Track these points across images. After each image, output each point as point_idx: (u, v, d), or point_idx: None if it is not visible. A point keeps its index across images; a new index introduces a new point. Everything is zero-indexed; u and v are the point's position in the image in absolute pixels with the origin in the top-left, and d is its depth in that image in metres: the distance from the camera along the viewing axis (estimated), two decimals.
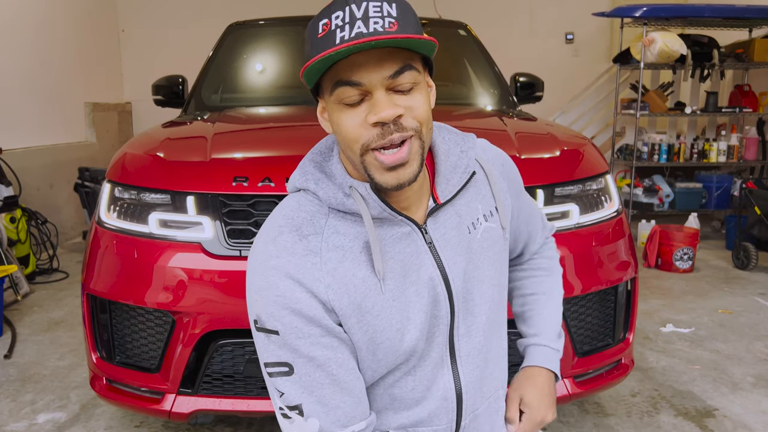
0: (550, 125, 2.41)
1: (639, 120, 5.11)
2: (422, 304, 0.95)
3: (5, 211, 4.01)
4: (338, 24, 0.83)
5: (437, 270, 0.96)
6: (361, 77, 0.84)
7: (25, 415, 2.39)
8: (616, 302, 2.02)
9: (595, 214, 2.00)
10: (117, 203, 1.94)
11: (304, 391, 0.91)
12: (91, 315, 1.93)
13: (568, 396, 1.92)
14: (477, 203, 1.02)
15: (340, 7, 0.83)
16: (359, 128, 0.86)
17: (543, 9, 7.00)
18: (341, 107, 0.86)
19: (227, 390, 1.82)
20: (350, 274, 0.91)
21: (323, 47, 0.83)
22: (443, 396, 1.01)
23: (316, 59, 0.82)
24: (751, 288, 3.95)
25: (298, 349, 0.90)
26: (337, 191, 0.92)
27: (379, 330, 0.93)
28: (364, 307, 0.92)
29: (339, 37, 0.82)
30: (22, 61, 4.92)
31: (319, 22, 0.85)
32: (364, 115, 0.85)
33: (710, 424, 2.28)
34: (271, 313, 0.90)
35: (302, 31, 3.40)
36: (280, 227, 0.93)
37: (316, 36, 0.85)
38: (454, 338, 1.00)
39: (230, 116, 2.59)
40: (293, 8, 4.98)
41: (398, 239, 0.94)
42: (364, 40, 0.80)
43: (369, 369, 0.97)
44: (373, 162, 0.87)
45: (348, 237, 0.92)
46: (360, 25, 0.82)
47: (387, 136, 0.85)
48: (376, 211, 0.91)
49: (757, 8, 4.92)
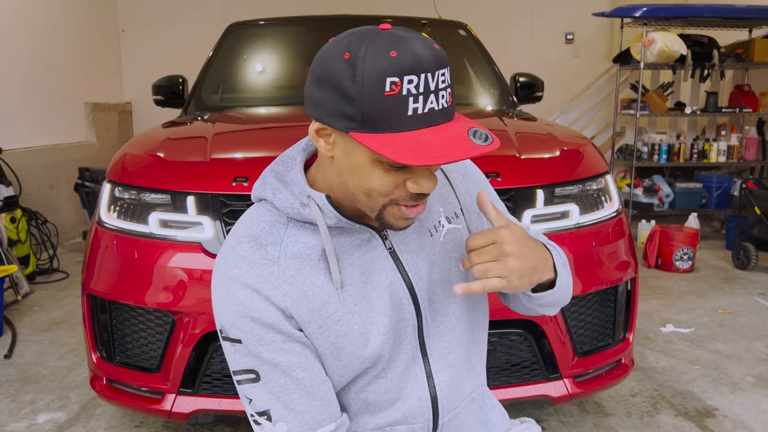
0: (550, 125, 2.42)
1: (639, 120, 5.11)
2: (385, 308, 0.95)
3: (5, 211, 4.01)
4: (411, 91, 0.77)
5: (398, 274, 0.97)
6: None
7: (25, 415, 2.39)
8: (616, 302, 2.02)
9: (595, 214, 2.00)
10: (117, 203, 1.94)
11: (272, 397, 0.93)
12: (91, 315, 1.93)
13: (568, 396, 1.92)
14: (438, 207, 1.02)
15: (413, 69, 0.77)
16: (391, 187, 0.85)
17: (543, 9, 7.00)
18: (381, 165, 0.83)
19: (227, 390, 1.82)
20: (308, 281, 0.92)
21: (392, 113, 0.77)
22: (417, 396, 1.01)
23: (405, 162, 0.76)
24: (751, 288, 3.95)
25: (262, 356, 0.91)
26: (294, 201, 0.92)
27: (341, 335, 0.94)
28: (324, 313, 0.93)
29: (412, 109, 0.77)
30: (22, 61, 4.92)
31: (387, 78, 0.76)
32: (402, 179, 0.84)
33: (710, 424, 2.28)
34: (233, 322, 0.91)
35: (303, 31, 3.45)
36: (239, 237, 0.94)
37: (382, 93, 0.77)
38: (424, 339, 1.01)
39: (230, 116, 2.59)
40: (293, 8, 4.98)
41: (357, 246, 0.95)
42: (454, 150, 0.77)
43: (336, 374, 0.97)
44: (397, 213, 0.88)
45: (306, 245, 0.93)
46: (433, 99, 0.78)
47: (419, 200, 0.87)
48: (332, 221, 0.91)
49: (757, 8, 4.92)
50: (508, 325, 1.84)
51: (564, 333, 1.89)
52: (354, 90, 0.78)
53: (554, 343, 1.87)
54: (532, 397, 1.90)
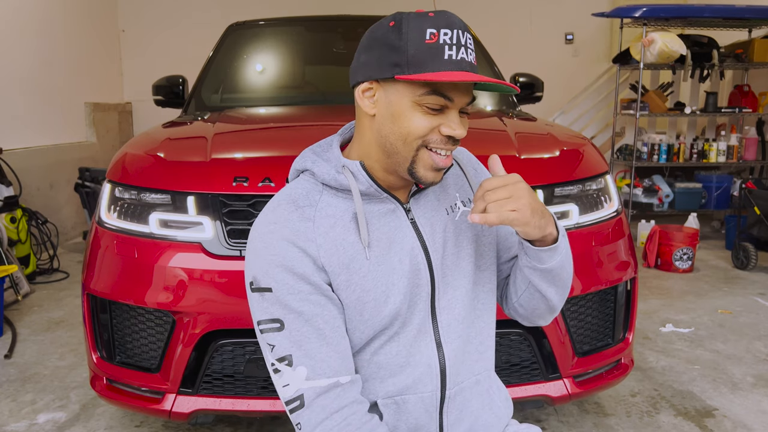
0: (550, 125, 2.42)
1: (639, 120, 5.11)
2: (404, 271, 1.05)
3: (5, 211, 4.01)
4: (446, 41, 0.94)
5: (418, 242, 1.07)
6: (454, 96, 0.96)
7: (26, 414, 2.39)
8: (615, 302, 2.02)
9: (594, 214, 2.00)
10: (117, 203, 1.94)
11: (293, 344, 0.99)
12: (92, 315, 1.93)
13: (568, 396, 1.92)
14: (455, 191, 1.14)
15: (448, 25, 0.94)
16: (428, 129, 0.97)
17: (543, 9, 7.00)
18: (420, 108, 0.96)
19: (227, 390, 1.82)
20: (340, 238, 1.02)
21: (432, 56, 0.93)
22: (427, 363, 1.08)
23: (441, 79, 0.91)
24: (751, 288, 3.95)
25: (289, 304, 0.99)
26: (330, 168, 1.04)
27: (365, 290, 1.02)
28: (352, 267, 1.02)
29: (447, 54, 0.93)
30: (22, 61, 4.92)
31: (426, 28, 0.94)
32: (437, 123, 0.97)
33: (710, 424, 2.28)
34: (266, 271, 1.00)
35: (303, 31, 3.45)
36: (278, 201, 1.05)
37: (423, 40, 0.94)
38: (435, 309, 1.08)
39: (230, 116, 2.59)
40: (293, 8, 4.99)
41: (383, 214, 1.06)
42: (477, 77, 0.93)
43: (356, 330, 1.04)
44: (427, 159, 0.99)
45: (339, 209, 1.04)
46: (464, 52, 0.95)
47: (448, 145, 0.99)
48: (364, 187, 1.03)
49: (757, 8, 4.92)
50: (508, 325, 1.84)
51: (564, 333, 1.89)
52: (400, 41, 0.94)
53: (554, 343, 1.87)
54: (532, 397, 1.90)
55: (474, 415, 1.14)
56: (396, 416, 1.08)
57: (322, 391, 0.99)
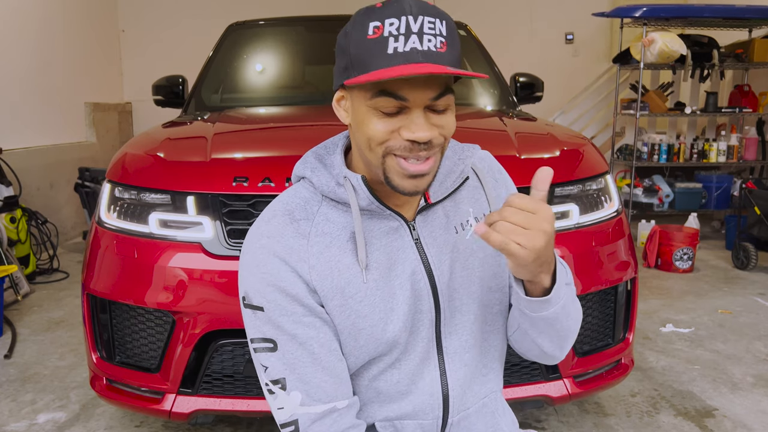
0: (550, 125, 2.41)
1: (639, 120, 5.11)
2: (405, 297, 0.97)
3: (5, 211, 4.01)
4: (392, 32, 0.82)
5: (421, 265, 0.99)
6: (406, 93, 0.84)
7: (26, 414, 2.39)
8: (615, 302, 2.02)
9: (594, 214, 2.00)
10: (117, 203, 1.94)
11: (287, 368, 0.95)
12: (91, 315, 1.93)
13: (568, 396, 1.92)
14: (468, 206, 1.03)
15: (394, 13, 0.83)
16: (388, 134, 0.87)
17: (543, 9, 6.99)
18: (375, 112, 0.87)
19: (227, 390, 1.82)
20: (335, 259, 0.95)
21: (373, 53, 0.83)
22: (429, 392, 1.02)
23: (375, 78, 0.81)
24: (751, 288, 3.95)
25: (282, 326, 0.94)
26: (330, 180, 0.97)
27: (361, 316, 0.96)
28: (347, 292, 0.95)
29: (392, 47, 0.82)
30: (22, 61, 4.92)
31: (369, 23, 0.84)
32: (397, 126, 0.87)
33: (710, 424, 2.28)
34: (258, 289, 0.95)
35: (302, 31, 3.45)
36: (274, 211, 0.98)
37: (365, 37, 0.84)
38: (441, 335, 1.01)
39: (230, 116, 2.59)
40: (293, 8, 4.99)
41: (386, 233, 0.98)
42: (424, 67, 0.80)
43: (351, 355, 0.99)
44: (395, 167, 0.89)
45: (337, 225, 0.96)
46: (415, 40, 0.82)
47: (414, 152, 0.87)
48: (364, 203, 0.95)
49: (757, 8, 4.92)
50: None
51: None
52: (345, 43, 0.87)
53: None
54: (532, 397, 1.90)
55: None
56: None
57: (318, 417, 0.95)
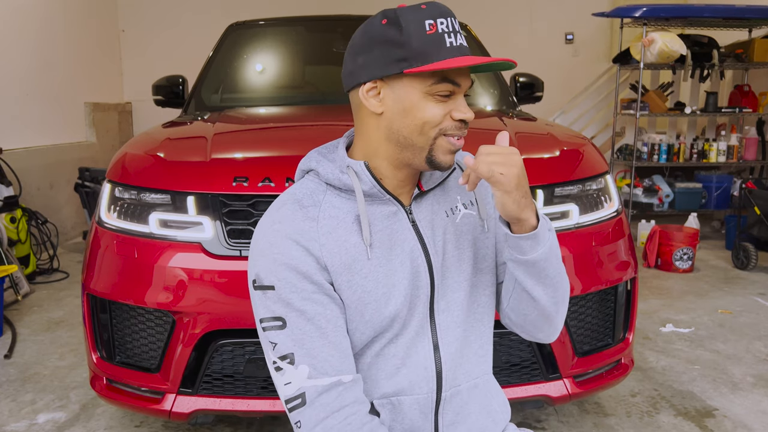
0: (550, 125, 2.42)
1: (639, 120, 5.11)
2: (405, 273, 1.06)
3: (5, 211, 4.01)
4: (444, 29, 0.98)
5: (418, 244, 1.08)
6: (462, 81, 1.00)
7: (25, 415, 2.39)
8: (615, 302, 2.02)
9: (594, 214, 2.00)
10: (117, 203, 1.94)
11: (295, 343, 1.00)
12: (92, 315, 1.93)
13: (568, 396, 1.92)
14: (456, 194, 1.16)
15: (441, 14, 0.98)
16: (442, 117, 1.00)
17: (543, 9, 7.00)
18: (431, 97, 1.00)
19: (227, 390, 1.82)
20: (343, 238, 1.03)
21: (435, 47, 0.96)
22: (423, 365, 1.08)
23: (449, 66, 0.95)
24: (751, 288, 3.95)
25: (291, 302, 1.00)
26: (334, 168, 1.06)
27: (366, 291, 1.04)
28: (354, 268, 1.03)
29: (448, 42, 0.97)
30: (22, 61, 4.92)
31: (425, 21, 0.97)
32: (448, 109, 1.01)
33: (710, 424, 2.28)
34: (269, 269, 1.01)
35: (302, 31, 3.45)
36: (283, 201, 1.07)
37: (425, 32, 0.96)
38: (434, 311, 1.09)
39: (230, 116, 2.59)
40: (293, 8, 4.99)
41: (386, 216, 1.07)
42: (476, 59, 0.98)
43: (357, 330, 1.05)
44: (445, 144, 1.02)
45: (342, 210, 1.05)
46: (459, 37, 0.99)
47: (462, 130, 1.03)
48: (367, 187, 1.04)
49: (757, 8, 4.92)
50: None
51: (564, 333, 1.89)
52: (401, 36, 0.97)
53: (554, 343, 1.87)
54: (532, 397, 1.90)
55: (471, 419, 1.14)
56: (391, 417, 1.09)
57: (324, 389, 0.99)
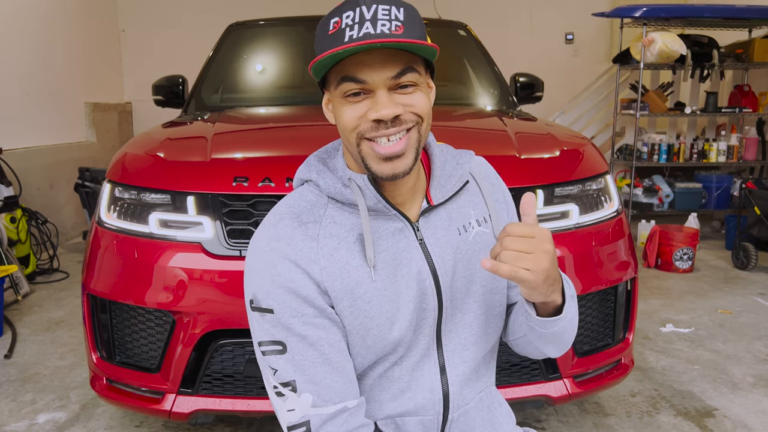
0: (550, 125, 2.41)
1: (639, 120, 5.11)
2: (411, 296, 1.00)
3: (5, 211, 4.01)
4: (348, 23, 0.89)
5: (426, 265, 1.01)
6: (365, 75, 0.90)
7: (26, 414, 2.39)
8: (615, 302, 2.02)
9: (594, 214, 2.00)
10: (117, 203, 1.94)
11: (297, 369, 0.95)
12: (92, 315, 1.93)
13: (568, 396, 1.92)
14: (469, 209, 1.07)
15: (350, 7, 0.90)
16: (358, 119, 0.92)
17: (543, 9, 7.00)
18: (344, 100, 0.93)
19: (227, 390, 1.82)
20: (344, 261, 0.97)
21: (332, 44, 0.89)
22: (429, 387, 1.04)
23: (325, 55, 0.88)
24: (751, 288, 3.95)
25: (292, 327, 0.95)
26: (336, 182, 0.99)
27: (369, 316, 0.98)
28: (356, 292, 0.97)
29: (348, 36, 0.88)
30: (22, 61, 4.92)
31: (330, 20, 0.91)
32: (365, 110, 0.92)
33: (710, 424, 2.28)
34: (268, 291, 0.95)
35: (302, 31, 3.45)
36: (281, 214, 1.00)
37: (327, 33, 0.91)
38: (441, 333, 1.04)
39: (230, 116, 2.59)
40: (293, 8, 4.98)
41: (391, 234, 1.00)
42: (371, 41, 0.86)
43: (359, 355, 1.00)
44: (369, 151, 0.93)
45: (344, 227, 0.98)
46: (368, 26, 0.88)
47: (381, 131, 0.92)
48: (371, 202, 0.98)
49: (757, 8, 4.92)
50: None
51: None
52: (314, 44, 0.94)
53: None
54: (532, 397, 1.90)
55: None
56: None
57: (329, 417, 0.96)
